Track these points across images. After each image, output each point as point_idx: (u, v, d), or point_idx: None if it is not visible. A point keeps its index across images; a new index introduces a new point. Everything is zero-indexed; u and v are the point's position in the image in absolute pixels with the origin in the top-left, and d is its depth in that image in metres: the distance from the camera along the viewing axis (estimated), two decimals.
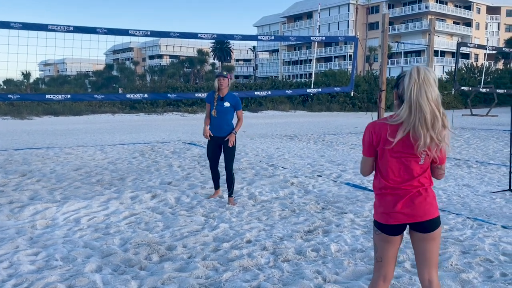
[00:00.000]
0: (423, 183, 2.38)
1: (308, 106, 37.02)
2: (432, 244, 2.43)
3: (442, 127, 2.26)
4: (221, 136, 5.97)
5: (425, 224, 2.38)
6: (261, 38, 8.48)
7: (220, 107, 5.91)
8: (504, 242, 4.42)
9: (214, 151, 6.08)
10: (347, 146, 12.51)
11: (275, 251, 4.22)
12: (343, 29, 69.54)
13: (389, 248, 2.46)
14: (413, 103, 2.25)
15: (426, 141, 2.26)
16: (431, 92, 2.25)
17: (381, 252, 2.49)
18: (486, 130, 17.55)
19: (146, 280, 3.53)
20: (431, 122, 2.24)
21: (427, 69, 2.29)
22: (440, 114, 2.26)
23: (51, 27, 6.77)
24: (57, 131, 18.16)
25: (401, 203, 2.37)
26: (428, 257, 2.45)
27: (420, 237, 2.42)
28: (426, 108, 2.23)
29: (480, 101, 39.75)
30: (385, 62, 8.35)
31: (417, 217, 2.37)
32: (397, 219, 2.39)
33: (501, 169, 8.67)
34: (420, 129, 2.25)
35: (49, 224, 5.13)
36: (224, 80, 5.89)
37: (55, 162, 9.51)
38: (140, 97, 8.02)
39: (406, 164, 2.36)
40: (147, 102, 33.46)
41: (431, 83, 2.26)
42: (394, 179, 2.38)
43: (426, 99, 2.24)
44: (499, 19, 73.48)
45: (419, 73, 2.26)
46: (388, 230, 2.43)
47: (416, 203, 2.37)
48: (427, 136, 2.25)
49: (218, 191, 6.40)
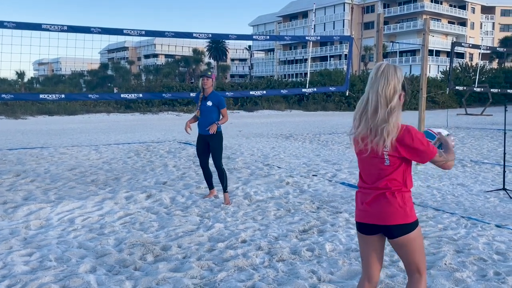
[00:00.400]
0: (390, 186, 2.29)
1: (304, 105, 37.05)
2: (402, 251, 2.35)
3: (383, 122, 2.21)
4: (207, 135, 6.01)
5: (390, 228, 2.31)
6: (257, 38, 8.48)
7: (203, 106, 5.99)
8: (498, 241, 4.44)
9: (201, 149, 6.17)
10: (343, 146, 12.53)
11: (270, 251, 4.22)
12: (338, 28, 69.61)
13: (366, 248, 2.45)
14: (364, 95, 2.31)
15: (362, 131, 2.26)
16: (383, 86, 2.24)
17: (361, 252, 2.50)
18: (481, 130, 17.63)
19: (140, 281, 3.52)
20: (371, 114, 2.25)
21: (391, 66, 2.29)
22: (387, 108, 2.21)
23: (45, 27, 6.73)
24: (51, 130, 18.08)
25: (365, 203, 2.37)
26: (405, 262, 2.40)
27: (390, 242, 2.40)
28: (372, 101, 2.25)
29: (475, 101, 39.89)
30: (380, 61, 8.38)
31: (379, 220, 2.31)
32: (360, 217, 2.40)
33: (495, 168, 8.71)
34: (363, 119, 2.28)
35: (43, 224, 5.11)
36: (207, 80, 5.95)
37: (50, 162, 9.47)
38: (135, 96, 8.00)
39: (371, 164, 2.34)
40: (142, 102, 33.35)
41: (388, 78, 2.24)
42: (363, 178, 2.41)
43: (376, 92, 2.25)
44: (494, 18, 73.81)
45: (379, 68, 2.29)
46: (359, 228, 2.45)
47: (379, 205, 2.31)
48: (365, 126, 2.26)
49: (213, 191, 6.40)
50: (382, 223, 2.31)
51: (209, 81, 5.96)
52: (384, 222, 2.30)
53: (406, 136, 2.25)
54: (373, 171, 2.34)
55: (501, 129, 17.10)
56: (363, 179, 2.42)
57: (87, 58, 37.54)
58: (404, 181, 2.32)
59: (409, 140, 2.24)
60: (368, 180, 2.38)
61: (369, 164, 2.35)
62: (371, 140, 2.25)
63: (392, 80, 2.25)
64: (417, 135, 2.25)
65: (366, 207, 2.36)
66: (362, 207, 2.38)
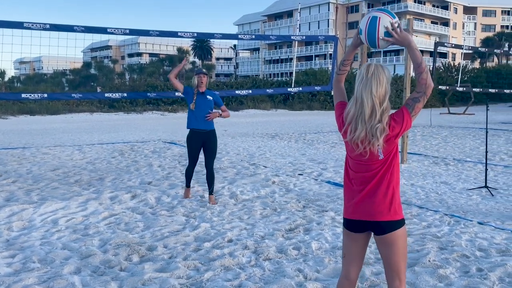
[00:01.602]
0: (382, 182, 2.33)
1: (289, 104, 37.15)
2: (387, 249, 2.36)
3: (377, 122, 2.27)
4: (204, 130, 5.92)
5: (380, 224, 2.33)
6: (242, 37, 8.47)
7: (202, 100, 5.89)
8: (480, 238, 4.52)
9: (198, 147, 6.01)
10: (328, 145, 12.60)
11: (256, 250, 4.22)
12: (323, 28, 69.97)
13: (351, 245, 2.46)
14: (358, 97, 2.30)
15: (360, 134, 2.30)
16: (377, 88, 2.28)
17: (345, 249, 2.50)
18: (463, 128, 17.91)
19: (126, 281, 3.49)
20: (368, 116, 2.28)
21: (380, 66, 2.32)
22: (380, 110, 2.27)
23: (26, 25, 6.62)
24: (33, 130, 17.81)
25: (356, 200, 2.38)
26: (387, 263, 2.39)
27: (377, 241, 2.40)
28: (368, 103, 2.27)
29: (457, 100, 40.48)
30: (364, 61, 8.43)
31: (370, 216, 2.34)
32: (350, 214, 2.40)
33: (478, 167, 8.86)
34: (359, 122, 2.30)
35: (26, 225, 5.03)
36: (204, 77, 5.90)
37: (32, 163, 9.33)
38: (120, 96, 7.91)
39: (365, 162, 2.36)
40: (126, 101, 33.04)
41: (380, 79, 2.28)
42: (355, 175, 2.41)
43: (370, 93, 2.27)
44: (476, 19, 75.01)
45: (369, 68, 2.31)
46: (347, 225, 2.45)
47: (370, 202, 2.34)
48: (363, 129, 2.29)
49: (189, 190, 6.33)
50: (373, 219, 2.34)
51: (206, 78, 5.93)
52: (374, 218, 2.33)
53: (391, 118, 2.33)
54: (366, 169, 2.37)
55: (483, 128, 17.39)
56: (353, 176, 2.41)
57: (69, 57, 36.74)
58: (394, 178, 2.36)
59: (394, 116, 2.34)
60: (359, 177, 2.38)
61: (364, 163, 2.37)
62: (368, 142, 2.30)
63: (383, 81, 2.29)
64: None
65: (357, 203, 2.37)
66: (353, 204, 2.39)
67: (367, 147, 2.31)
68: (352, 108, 2.32)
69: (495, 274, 3.58)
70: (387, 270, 2.41)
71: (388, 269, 2.40)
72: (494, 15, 75.19)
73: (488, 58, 62.21)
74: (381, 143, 2.29)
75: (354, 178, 2.41)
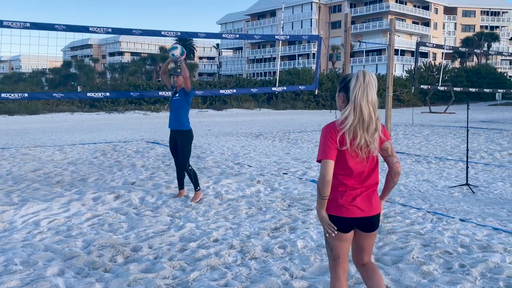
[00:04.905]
0: (376, 181, 2.52)
1: (273, 104, 37.24)
2: (372, 239, 2.63)
3: (374, 130, 2.39)
4: (175, 130, 5.99)
5: (377, 217, 2.53)
6: (226, 36, 8.45)
7: (173, 100, 5.99)
8: (462, 234, 4.59)
9: (173, 147, 6.12)
10: (312, 144, 12.66)
11: (242, 249, 4.22)
12: (306, 27, 70.28)
13: (345, 245, 2.55)
14: (356, 105, 2.36)
15: (361, 142, 2.38)
16: (372, 95, 2.38)
17: (337, 251, 2.54)
18: (444, 127, 18.19)
19: (111, 283, 3.45)
20: (367, 124, 2.37)
21: (371, 73, 2.41)
22: (375, 118, 2.39)
23: (6, 24, 6.49)
24: (12, 130, 17.48)
25: (358, 199, 2.46)
26: (368, 249, 2.65)
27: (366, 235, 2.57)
28: (366, 110, 2.36)
29: (438, 99, 41.13)
30: (347, 61, 8.50)
31: (369, 211, 2.49)
32: (350, 213, 2.47)
33: (459, 164, 9.01)
34: (358, 130, 2.37)
35: (7, 227, 4.93)
36: (177, 78, 5.92)
37: (11, 163, 9.15)
38: (102, 95, 7.82)
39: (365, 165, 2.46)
40: (108, 101, 32.68)
41: (373, 86, 2.38)
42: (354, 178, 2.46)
43: (367, 101, 2.36)
44: (456, 19, 76.26)
45: (365, 76, 2.38)
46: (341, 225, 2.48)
47: (372, 199, 2.49)
48: (362, 137, 2.38)
49: (182, 191, 6.32)
50: (373, 214, 2.49)
51: (180, 78, 5.91)
52: (374, 212, 2.50)
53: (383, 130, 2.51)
54: (365, 171, 2.47)
55: (464, 127, 17.71)
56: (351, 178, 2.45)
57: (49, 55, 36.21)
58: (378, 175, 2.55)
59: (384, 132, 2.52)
60: (360, 179, 2.47)
61: (363, 166, 2.46)
62: (366, 147, 2.41)
63: (376, 89, 2.40)
64: None
65: (359, 203, 2.46)
66: (354, 204, 2.45)
67: (366, 152, 2.43)
68: (351, 115, 2.37)
69: (477, 270, 3.65)
70: (365, 254, 2.63)
71: (367, 253, 2.63)
72: (474, 15, 76.59)
73: (468, 58, 63.32)
74: (377, 147, 2.45)
75: (351, 180, 2.45)
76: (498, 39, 68.05)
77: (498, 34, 69.68)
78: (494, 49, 65.88)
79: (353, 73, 2.46)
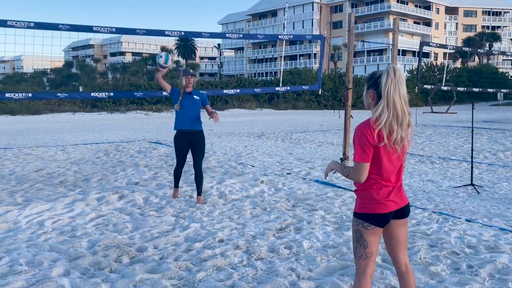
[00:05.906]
0: (402, 177, 2.57)
1: (275, 104, 37.23)
2: (405, 229, 2.62)
3: (407, 125, 2.41)
4: (192, 130, 5.86)
5: (408, 206, 2.57)
6: (230, 36, 8.42)
7: (189, 100, 5.86)
8: (469, 235, 4.57)
9: (185, 148, 5.96)
10: (315, 144, 12.64)
11: (248, 249, 4.19)
12: (307, 27, 70.23)
13: (376, 242, 2.53)
14: (390, 100, 2.36)
15: (397, 137, 2.38)
16: (403, 90, 2.39)
17: (370, 247, 2.51)
18: (447, 127, 18.16)
19: (117, 283, 3.43)
20: (401, 119, 2.38)
21: (400, 69, 2.42)
22: (407, 112, 2.40)
23: (10, 23, 6.47)
24: (14, 131, 17.48)
25: (392, 194, 2.48)
26: (403, 241, 2.62)
27: (399, 224, 2.57)
28: (399, 105, 2.37)
29: (440, 99, 41.10)
30: (351, 60, 8.46)
31: (402, 202, 2.53)
32: (388, 208, 2.47)
33: (462, 165, 8.98)
34: (394, 125, 2.37)
35: (11, 227, 4.92)
36: (191, 78, 5.88)
37: (14, 163, 9.14)
38: (106, 95, 7.80)
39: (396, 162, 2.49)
40: (109, 101, 32.69)
41: (403, 81, 2.40)
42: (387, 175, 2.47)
43: (399, 96, 2.37)
44: (457, 19, 76.15)
45: (395, 71, 2.38)
46: (378, 220, 2.48)
47: (403, 192, 2.55)
48: (399, 131, 2.38)
49: (177, 190, 6.27)
50: (404, 204, 2.53)
51: (193, 79, 5.92)
52: (405, 202, 2.54)
53: None
54: (395, 168, 2.50)
55: (466, 127, 17.67)
56: (389, 174, 2.47)
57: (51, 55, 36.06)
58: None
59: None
60: (393, 174, 2.49)
61: (394, 163, 2.47)
62: (401, 142, 2.42)
63: (405, 83, 2.41)
64: None
65: (393, 197, 2.48)
66: (390, 199, 2.47)
67: (401, 148, 2.44)
68: (385, 111, 2.36)
69: (485, 271, 3.62)
70: (401, 248, 2.60)
71: (402, 246, 2.60)
72: (475, 15, 76.47)
73: (469, 58, 63.25)
74: (410, 141, 2.49)
75: (389, 176, 2.47)
76: (499, 39, 67.97)
77: (500, 34, 69.60)
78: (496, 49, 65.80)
79: (380, 70, 2.46)
